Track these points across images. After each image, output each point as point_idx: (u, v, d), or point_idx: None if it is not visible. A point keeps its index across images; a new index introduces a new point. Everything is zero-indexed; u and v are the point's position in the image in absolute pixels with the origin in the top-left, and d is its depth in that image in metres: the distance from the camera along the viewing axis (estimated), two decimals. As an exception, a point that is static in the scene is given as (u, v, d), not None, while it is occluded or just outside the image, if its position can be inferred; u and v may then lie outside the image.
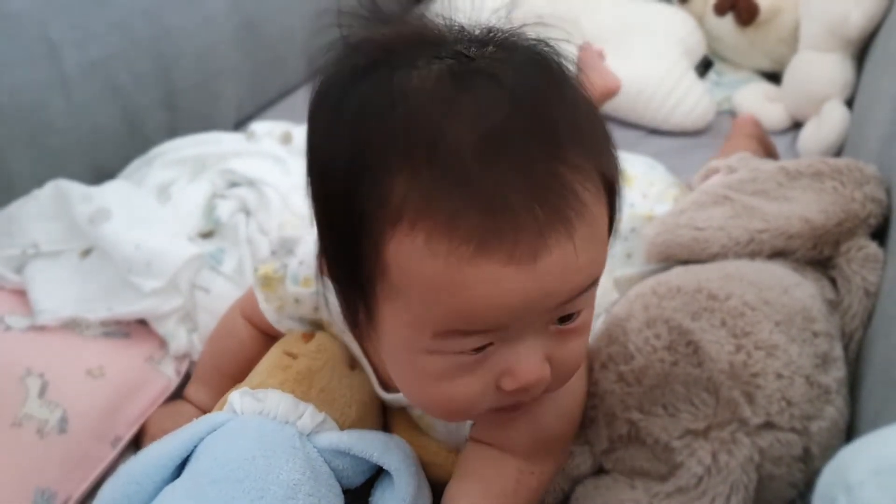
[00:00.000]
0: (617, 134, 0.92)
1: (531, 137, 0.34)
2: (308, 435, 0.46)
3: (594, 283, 0.38)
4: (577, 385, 0.47)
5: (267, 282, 0.53)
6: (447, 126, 0.34)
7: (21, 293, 0.63)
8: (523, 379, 0.37)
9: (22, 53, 0.69)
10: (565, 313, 0.38)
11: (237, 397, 0.48)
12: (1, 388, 0.54)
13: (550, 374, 0.38)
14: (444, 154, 0.33)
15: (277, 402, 0.47)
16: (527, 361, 0.37)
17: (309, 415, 0.47)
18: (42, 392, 0.55)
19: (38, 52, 0.70)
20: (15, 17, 0.68)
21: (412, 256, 0.34)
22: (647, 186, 0.66)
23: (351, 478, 0.47)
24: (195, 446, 0.45)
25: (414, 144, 0.34)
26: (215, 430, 0.46)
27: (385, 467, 0.46)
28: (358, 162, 0.35)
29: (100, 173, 0.76)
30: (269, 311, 0.54)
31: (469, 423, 0.48)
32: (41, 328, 0.59)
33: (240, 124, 0.93)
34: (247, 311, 0.57)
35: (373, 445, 0.46)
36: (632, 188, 0.64)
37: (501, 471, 0.45)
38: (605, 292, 0.57)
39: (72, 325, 0.60)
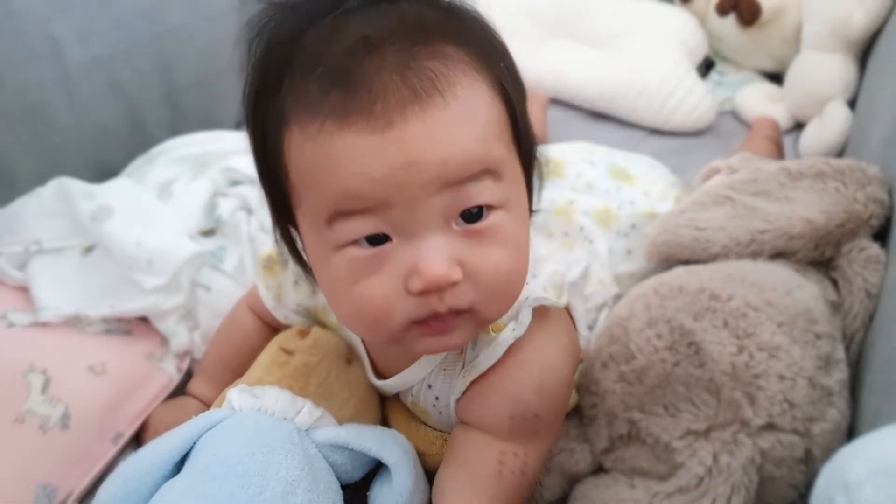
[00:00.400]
0: (618, 134, 0.91)
1: (404, 37, 0.38)
2: (306, 430, 0.47)
3: (481, 173, 0.39)
4: (554, 360, 0.46)
5: (269, 264, 0.54)
6: (332, 40, 0.38)
7: (24, 290, 0.63)
8: (427, 275, 0.38)
9: (25, 51, 0.69)
10: (461, 204, 0.39)
11: (235, 394, 0.48)
12: (4, 384, 0.54)
13: (466, 281, 0.39)
14: (321, 58, 0.38)
15: (275, 398, 0.47)
16: (428, 257, 0.38)
17: (307, 410, 0.47)
18: (44, 388, 0.55)
19: (41, 50, 0.70)
20: (18, 15, 0.69)
21: (295, 148, 0.39)
22: (648, 185, 0.66)
23: (349, 472, 0.47)
24: (194, 443, 0.45)
25: (301, 59, 0.39)
26: (214, 426, 0.46)
27: (383, 461, 0.46)
28: (262, 89, 0.41)
29: (102, 171, 0.77)
30: (267, 297, 0.55)
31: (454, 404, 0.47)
32: (44, 325, 0.60)
33: (241, 123, 0.93)
34: (252, 302, 0.58)
35: (371, 440, 0.46)
36: (633, 186, 0.65)
37: (484, 453, 0.45)
38: (605, 286, 0.57)
39: (73, 322, 0.60)
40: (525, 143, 0.43)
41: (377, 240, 0.39)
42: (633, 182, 0.65)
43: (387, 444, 0.46)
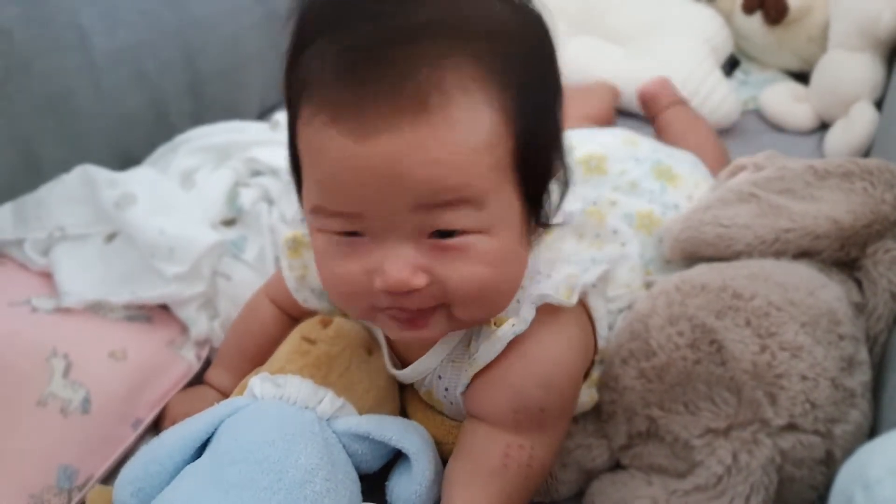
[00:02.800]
0: (641, 131, 0.89)
1: (429, 39, 0.37)
2: (327, 420, 0.47)
3: (458, 201, 0.38)
4: (560, 355, 0.46)
5: (295, 245, 0.54)
6: (352, 20, 0.38)
7: (47, 275, 0.64)
8: (388, 279, 0.39)
9: (52, 40, 0.70)
10: (430, 223, 0.38)
11: (257, 382, 0.49)
12: (27, 367, 0.55)
13: (434, 286, 0.39)
14: (340, 41, 0.38)
15: (297, 387, 0.48)
16: (392, 263, 0.39)
17: (328, 400, 0.47)
18: (66, 372, 0.56)
19: (68, 38, 0.71)
20: (46, 3, 0.69)
21: (302, 126, 0.39)
22: (692, 188, 0.64)
23: (369, 462, 0.48)
24: (216, 429, 0.46)
25: (331, 28, 0.38)
26: (236, 413, 0.46)
27: (404, 451, 0.46)
28: (295, 48, 0.40)
29: (126, 159, 0.77)
30: (290, 278, 0.54)
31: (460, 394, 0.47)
32: (66, 310, 0.60)
33: (263, 114, 0.94)
34: (271, 292, 0.58)
35: (392, 430, 0.46)
36: (677, 189, 0.63)
37: (489, 445, 0.45)
38: (632, 290, 0.55)
39: (96, 308, 0.61)
40: (537, 171, 0.41)
41: (350, 233, 0.40)
42: (676, 183, 0.63)
43: (407, 434, 0.46)
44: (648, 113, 0.87)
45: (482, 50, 0.38)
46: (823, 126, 0.90)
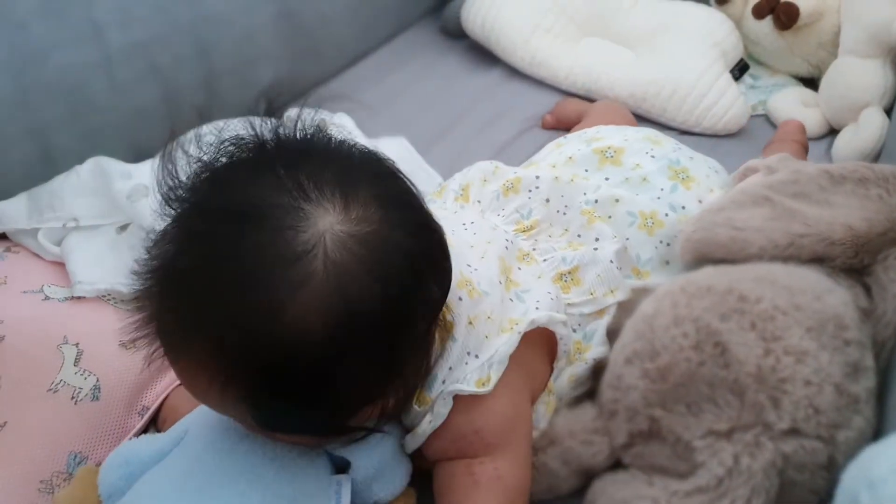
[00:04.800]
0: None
1: (182, 321, 0.40)
2: None
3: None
4: (490, 407, 0.46)
5: None
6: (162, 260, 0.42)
7: (60, 265, 0.65)
8: None
9: (69, 34, 0.71)
10: None
11: None
12: (39, 355, 0.56)
13: None
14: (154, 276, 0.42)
15: None
16: None
17: None
18: (77, 360, 0.57)
19: (84, 32, 0.72)
20: (63, -3, 0.70)
21: None
22: (705, 192, 0.63)
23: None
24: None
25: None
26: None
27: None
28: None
29: (138, 152, 0.78)
30: None
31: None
32: (78, 299, 0.61)
33: (274, 112, 0.94)
34: None
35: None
36: (689, 191, 0.62)
37: (453, 472, 0.47)
38: (595, 299, 0.55)
39: (107, 298, 0.62)
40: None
41: None
42: (690, 186, 0.63)
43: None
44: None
45: (221, 354, 0.38)
46: (832, 131, 0.90)
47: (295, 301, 0.36)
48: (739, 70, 0.99)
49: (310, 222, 0.38)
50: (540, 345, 0.51)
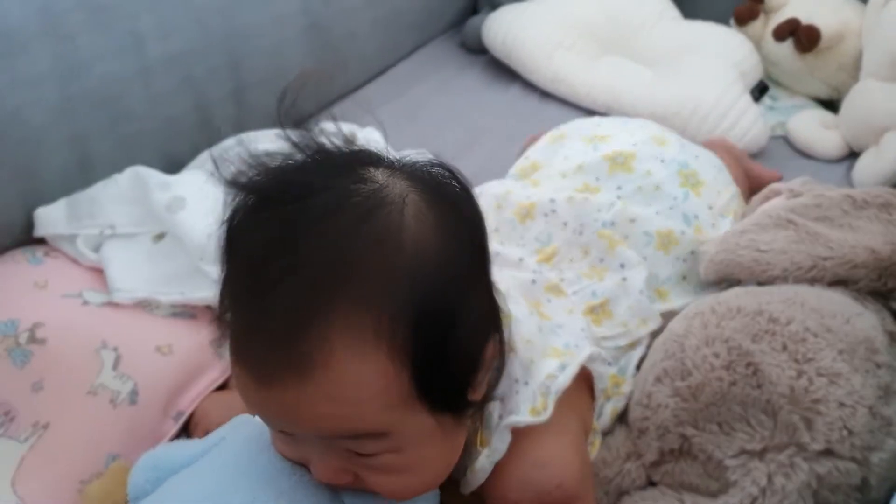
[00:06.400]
0: None
1: (322, 280, 0.36)
2: None
3: (366, 435, 0.38)
4: (550, 438, 0.46)
5: None
6: (253, 253, 0.38)
7: (97, 271, 0.66)
8: (316, 476, 0.41)
9: (111, 44, 0.73)
10: (340, 445, 0.39)
11: None
12: (79, 358, 0.58)
13: (360, 482, 0.40)
14: (243, 275, 0.39)
15: None
16: (317, 464, 0.40)
17: None
18: (116, 365, 0.58)
19: (126, 43, 0.74)
20: (107, 9, 0.72)
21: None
22: (714, 196, 0.64)
23: None
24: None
25: (239, 259, 0.40)
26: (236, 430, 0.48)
27: None
28: (220, 263, 0.41)
29: (170, 162, 0.80)
30: None
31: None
32: (115, 305, 0.63)
33: (299, 123, 0.96)
34: None
35: None
36: (700, 197, 0.63)
37: None
38: (628, 329, 0.55)
39: (143, 304, 0.63)
40: (451, 383, 0.40)
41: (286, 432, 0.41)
42: (699, 191, 0.63)
43: None
44: None
45: (371, 295, 0.36)
46: (852, 154, 0.91)
47: (411, 234, 0.38)
48: (759, 91, 1.00)
49: (389, 187, 0.39)
50: (581, 385, 0.51)
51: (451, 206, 0.41)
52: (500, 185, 0.65)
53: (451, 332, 0.38)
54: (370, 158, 0.42)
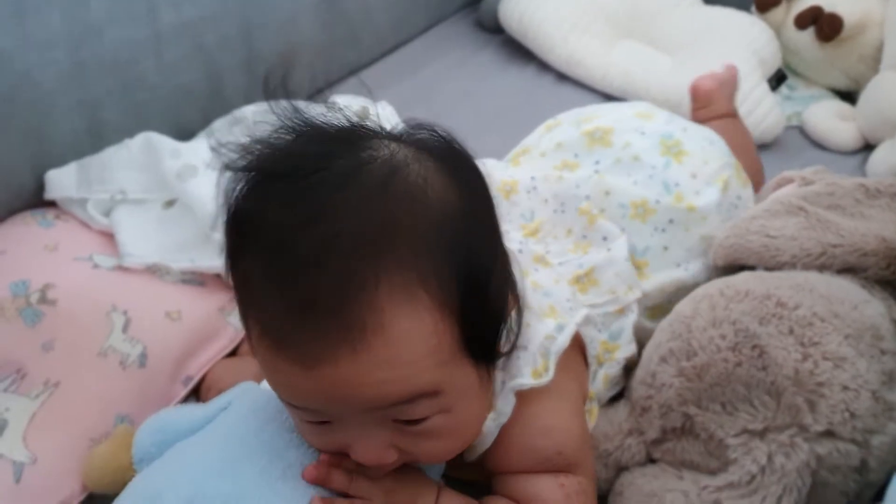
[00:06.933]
0: None
1: (356, 246, 0.36)
2: None
3: (422, 395, 0.38)
4: (552, 404, 0.47)
5: None
6: (285, 232, 0.37)
7: (108, 235, 0.67)
8: (359, 459, 0.40)
9: (124, 11, 0.73)
10: (390, 416, 0.39)
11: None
12: (89, 319, 0.58)
13: (403, 455, 0.40)
14: (272, 257, 0.37)
15: None
16: (360, 445, 0.40)
17: None
18: (125, 328, 0.59)
19: (138, 10, 0.74)
20: (122, -25, 0.72)
21: (253, 341, 0.40)
22: (700, 165, 0.62)
23: None
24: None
25: (249, 250, 0.38)
26: (244, 394, 0.49)
27: None
28: (231, 252, 0.40)
29: (181, 130, 0.80)
30: None
31: None
32: (125, 269, 0.63)
33: (311, 96, 0.96)
34: None
35: None
36: (682, 165, 0.61)
37: (543, 486, 0.47)
38: (616, 296, 0.55)
39: (153, 270, 0.64)
40: (487, 332, 0.41)
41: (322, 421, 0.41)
42: (682, 159, 0.61)
43: None
44: (695, 109, 0.83)
45: (417, 257, 0.37)
46: (867, 147, 0.90)
47: (435, 192, 0.39)
48: (777, 80, 0.99)
49: (401, 152, 0.40)
50: (576, 351, 0.52)
51: (459, 164, 0.41)
52: (480, 164, 0.66)
53: (487, 280, 0.39)
54: (370, 130, 0.42)
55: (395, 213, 0.37)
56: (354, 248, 0.36)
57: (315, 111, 0.42)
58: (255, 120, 0.42)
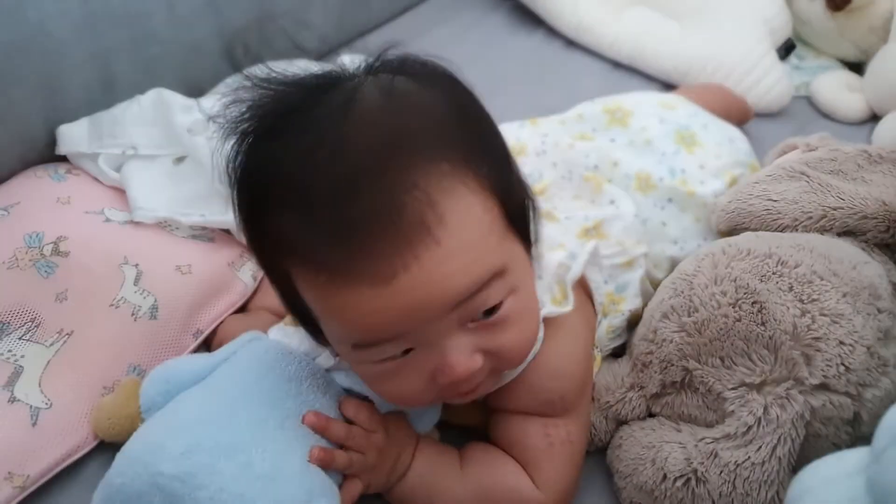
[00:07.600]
0: (690, 108, 0.87)
1: (383, 159, 0.37)
2: (326, 370, 0.49)
3: (495, 275, 0.39)
4: (565, 345, 0.48)
5: None
6: (313, 170, 0.38)
7: (119, 190, 0.67)
8: (453, 374, 0.40)
9: (136, -40, 0.72)
10: (475, 312, 0.39)
11: (273, 332, 0.52)
12: (102, 272, 0.59)
13: (489, 362, 0.41)
14: (309, 196, 0.38)
15: (301, 339, 0.50)
16: (452, 357, 0.40)
17: (328, 353, 0.49)
18: (137, 280, 0.60)
19: (150, -40, 0.73)
20: (132, -76, 0.71)
21: (304, 286, 0.40)
22: (711, 158, 0.63)
23: None
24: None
25: (287, 191, 0.39)
26: (249, 344, 0.50)
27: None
28: (253, 215, 0.41)
29: (191, 87, 0.80)
30: None
31: None
32: (136, 224, 0.64)
33: (321, 57, 0.95)
34: None
35: None
36: (693, 155, 0.62)
37: (529, 430, 0.48)
38: (624, 248, 0.55)
39: (163, 224, 0.65)
40: (519, 209, 0.43)
41: (405, 351, 0.40)
42: (694, 150, 0.63)
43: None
44: None
45: (440, 147, 0.38)
46: (874, 118, 0.90)
47: (430, 92, 0.41)
48: (785, 50, 0.98)
49: (384, 74, 0.42)
50: (584, 297, 0.53)
51: (437, 71, 0.43)
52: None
53: (506, 155, 0.42)
54: (345, 69, 0.42)
55: (402, 120, 0.39)
56: (381, 161, 0.37)
57: (287, 67, 0.43)
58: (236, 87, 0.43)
